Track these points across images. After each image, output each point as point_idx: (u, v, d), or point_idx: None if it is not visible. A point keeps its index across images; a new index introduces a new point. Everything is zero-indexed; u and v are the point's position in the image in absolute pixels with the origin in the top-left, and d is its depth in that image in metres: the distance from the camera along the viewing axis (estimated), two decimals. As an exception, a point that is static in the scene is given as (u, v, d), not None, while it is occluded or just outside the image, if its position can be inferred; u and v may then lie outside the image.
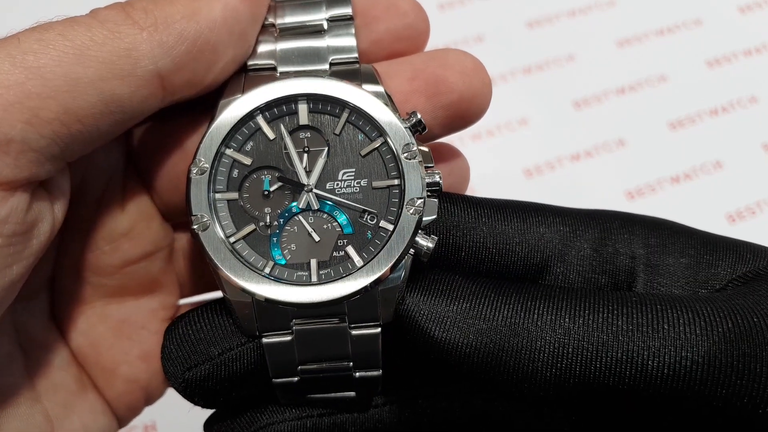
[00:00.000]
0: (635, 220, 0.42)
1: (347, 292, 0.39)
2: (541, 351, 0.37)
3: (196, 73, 0.39)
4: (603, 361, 0.36)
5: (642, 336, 0.36)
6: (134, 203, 0.46)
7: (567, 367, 0.36)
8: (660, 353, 0.35)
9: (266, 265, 0.40)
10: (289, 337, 0.40)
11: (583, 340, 0.36)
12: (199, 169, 0.40)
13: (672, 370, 0.35)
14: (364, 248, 0.40)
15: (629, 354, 0.36)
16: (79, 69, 0.35)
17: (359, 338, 0.40)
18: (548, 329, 0.37)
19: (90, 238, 0.45)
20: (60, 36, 0.35)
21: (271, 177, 0.41)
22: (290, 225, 0.41)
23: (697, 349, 0.35)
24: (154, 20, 0.37)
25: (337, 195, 0.41)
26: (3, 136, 0.34)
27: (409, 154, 0.40)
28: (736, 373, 0.35)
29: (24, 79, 0.34)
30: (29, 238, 0.37)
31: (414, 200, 0.40)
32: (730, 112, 0.89)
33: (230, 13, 0.39)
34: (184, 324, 0.42)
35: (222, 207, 0.41)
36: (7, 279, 0.36)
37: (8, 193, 0.35)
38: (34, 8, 0.90)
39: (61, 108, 0.35)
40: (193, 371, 0.41)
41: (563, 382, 0.37)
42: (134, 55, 0.36)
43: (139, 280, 0.47)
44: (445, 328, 0.38)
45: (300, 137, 0.41)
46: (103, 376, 0.46)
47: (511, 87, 0.92)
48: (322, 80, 0.41)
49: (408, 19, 0.44)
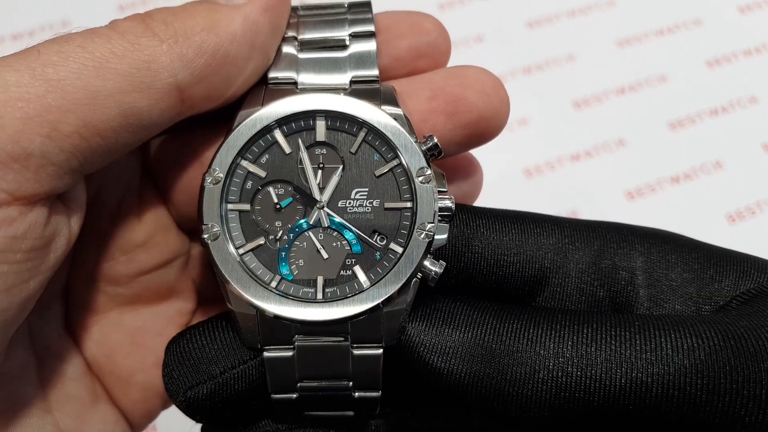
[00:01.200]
0: (636, 233, 0.42)
1: (352, 312, 0.39)
2: (544, 381, 0.36)
3: (216, 86, 0.39)
4: (607, 390, 0.35)
5: (646, 364, 0.35)
6: (151, 213, 0.46)
7: (570, 397, 0.36)
8: (664, 380, 0.35)
9: (273, 279, 0.40)
10: (291, 353, 0.39)
11: (587, 368, 0.36)
12: (214, 178, 0.40)
13: (676, 397, 0.35)
14: (372, 269, 0.40)
15: (633, 382, 0.35)
16: (98, 82, 0.35)
17: (361, 358, 0.40)
18: (551, 357, 0.37)
19: (106, 248, 0.45)
20: (80, 48, 0.35)
21: (285, 191, 0.41)
22: (300, 240, 0.41)
23: (701, 375, 0.34)
24: (173, 32, 0.37)
25: (349, 213, 0.41)
26: (22, 150, 0.33)
27: (424, 178, 0.40)
28: (741, 399, 0.34)
29: (44, 92, 0.34)
30: (47, 252, 0.37)
31: (425, 224, 0.40)
32: (730, 112, 0.89)
33: (250, 26, 0.39)
34: (185, 341, 0.41)
35: (233, 218, 0.41)
36: (25, 294, 0.36)
37: (27, 208, 0.35)
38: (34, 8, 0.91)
39: (81, 121, 0.35)
40: (195, 390, 0.40)
41: (566, 411, 0.36)
42: (154, 67, 0.36)
43: (155, 288, 0.47)
44: (446, 359, 0.38)
45: (316, 153, 0.41)
46: (119, 385, 0.46)
47: (511, 87, 0.91)
48: (341, 98, 0.41)
49: (430, 37, 0.44)
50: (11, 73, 0.34)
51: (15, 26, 0.89)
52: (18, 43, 0.88)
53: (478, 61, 0.44)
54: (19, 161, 0.33)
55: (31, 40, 0.88)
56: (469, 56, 0.92)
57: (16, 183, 0.34)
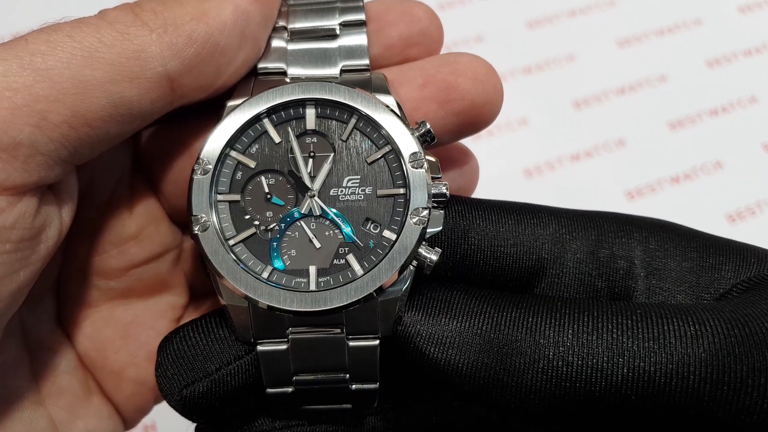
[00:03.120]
0: (634, 222, 0.41)
1: (346, 301, 0.38)
2: (544, 371, 0.36)
3: (206, 76, 0.39)
4: (609, 379, 0.35)
5: (648, 353, 0.35)
6: (142, 206, 0.45)
7: (571, 387, 0.35)
8: (667, 369, 0.34)
9: (264, 270, 0.39)
10: (285, 346, 0.39)
11: (588, 357, 0.35)
12: (203, 169, 0.40)
13: (679, 387, 0.34)
14: (366, 257, 0.40)
15: (635, 371, 0.34)
16: (87, 71, 0.35)
17: (357, 350, 0.39)
18: (551, 347, 0.36)
19: (97, 241, 0.45)
20: (68, 37, 0.35)
21: (275, 180, 0.41)
22: (291, 230, 0.40)
23: (705, 364, 0.34)
24: (163, 21, 0.37)
25: (342, 201, 0.40)
26: (11, 139, 0.33)
27: (416, 164, 0.40)
28: (745, 389, 0.34)
29: (32, 81, 0.34)
30: (37, 243, 0.37)
31: (419, 210, 0.39)
32: (730, 112, 0.89)
33: (240, 15, 0.39)
34: (178, 339, 0.41)
35: (223, 208, 0.40)
36: (15, 285, 0.36)
37: (16, 198, 0.35)
38: (35, 8, 0.91)
39: (70, 111, 0.34)
40: (190, 388, 0.39)
41: (567, 402, 0.36)
42: (143, 57, 0.36)
43: (147, 281, 0.47)
44: (443, 349, 0.37)
45: (306, 142, 0.41)
46: (111, 379, 0.46)
47: (511, 87, 0.92)
48: (331, 85, 0.41)
49: (422, 24, 0.44)
50: None
51: (15, 26, 0.89)
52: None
53: (478, 61, 0.43)
54: (8, 151, 0.33)
55: (32, 40, 0.88)
56: (469, 56, 0.92)
57: (4, 173, 0.34)
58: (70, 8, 0.44)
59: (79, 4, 0.89)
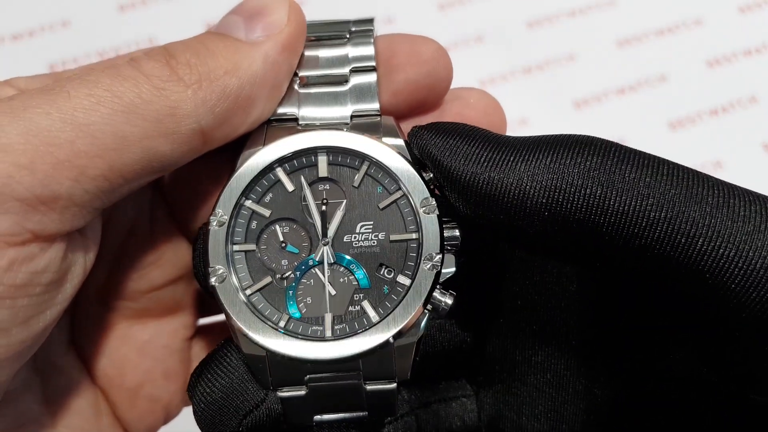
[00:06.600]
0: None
1: (362, 349, 0.39)
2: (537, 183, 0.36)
3: (235, 126, 0.39)
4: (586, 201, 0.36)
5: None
6: (162, 231, 0.46)
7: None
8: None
9: (281, 319, 0.40)
10: (304, 391, 0.40)
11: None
12: (218, 221, 0.40)
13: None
14: (381, 303, 0.40)
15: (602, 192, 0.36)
16: (127, 128, 0.35)
17: (374, 393, 0.40)
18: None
19: (119, 267, 0.45)
20: (108, 92, 0.35)
21: (290, 229, 0.41)
22: (307, 278, 0.41)
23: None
24: (198, 77, 0.37)
25: (355, 248, 0.41)
26: (51, 193, 0.34)
27: (428, 209, 0.40)
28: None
29: (74, 137, 0.34)
30: (63, 283, 0.37)
31: (432, 255, 0.39)
32: (730, 112, 0.89)
33: (270, 67, 0.39)
34: (204, 382, 0.40)
35: (239, 258, 0.40)
36: (42, 324, 0.36)
37: (47, 244, 0.35)
38: (34, 8, 0.90)
39: (107, 165, 0.35)
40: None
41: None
42: (179, 113, 0.36)
43: (164, 303, 0.47)
44: (455, 159, 0.38)
45: (319, 189, 0.41)
46: (127, 396, 0.46)
47: (511, 87, 0.92)
48: (341, 133, 0.41)
49: (428, 66, 0.43)
50: (43, 117, 0.34)
51: (15, 26, 0.89)
52: (18, 43, 0.88)
53: (478, 61, 0.44)
54: (47, 204, 0.34)
55: (31, 40, 0.88)
56: (469, 56, 0.92)
57: (41, 224, 0.34)
58: (68, 8, 0.44)
59: (78, 5, 0.89)
